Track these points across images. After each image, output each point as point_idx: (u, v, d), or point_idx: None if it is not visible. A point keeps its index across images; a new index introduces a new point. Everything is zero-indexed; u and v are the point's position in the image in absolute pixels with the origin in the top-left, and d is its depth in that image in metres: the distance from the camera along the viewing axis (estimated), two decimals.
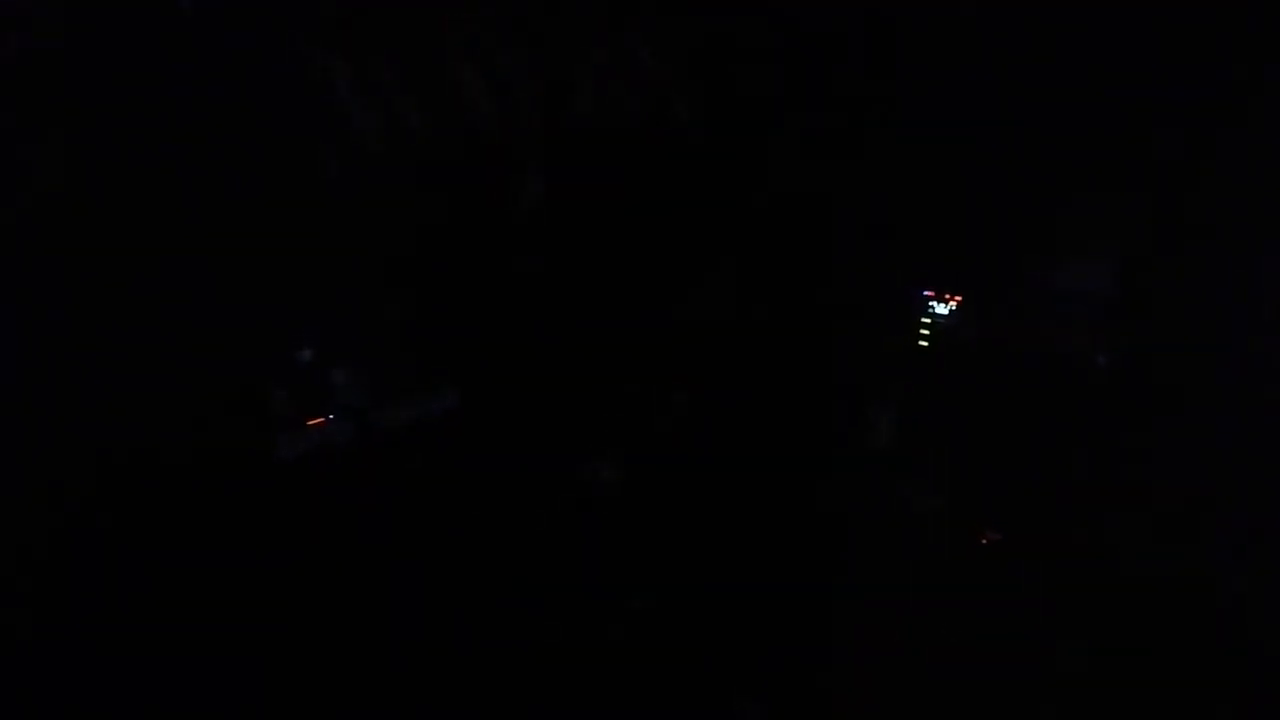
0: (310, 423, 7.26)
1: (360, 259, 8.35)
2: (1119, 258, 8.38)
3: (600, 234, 9.72)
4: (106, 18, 1.82)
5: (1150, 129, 7.88)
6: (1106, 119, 8.25)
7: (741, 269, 10.79)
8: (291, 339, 7.49)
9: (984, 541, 7.77)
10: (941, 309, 9.93)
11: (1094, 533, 6.50)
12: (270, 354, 7.40)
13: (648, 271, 9.76)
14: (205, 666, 1.80)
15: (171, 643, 1.84)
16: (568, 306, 9.37)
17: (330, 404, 7.47)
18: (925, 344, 10.12)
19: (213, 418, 2.22)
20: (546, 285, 9.79)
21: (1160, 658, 5.26)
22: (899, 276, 10.15)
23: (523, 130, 9.33)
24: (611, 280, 9.57)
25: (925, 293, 10.01)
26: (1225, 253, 7.70)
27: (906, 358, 9.89)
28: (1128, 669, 5.24)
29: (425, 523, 7.73)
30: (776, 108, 10.49)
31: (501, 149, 9.29)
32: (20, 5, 1.66)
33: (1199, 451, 7.12)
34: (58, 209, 1.87)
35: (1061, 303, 8.93)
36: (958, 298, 9.78)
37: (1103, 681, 5.15)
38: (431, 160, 8.77)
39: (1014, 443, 7.91)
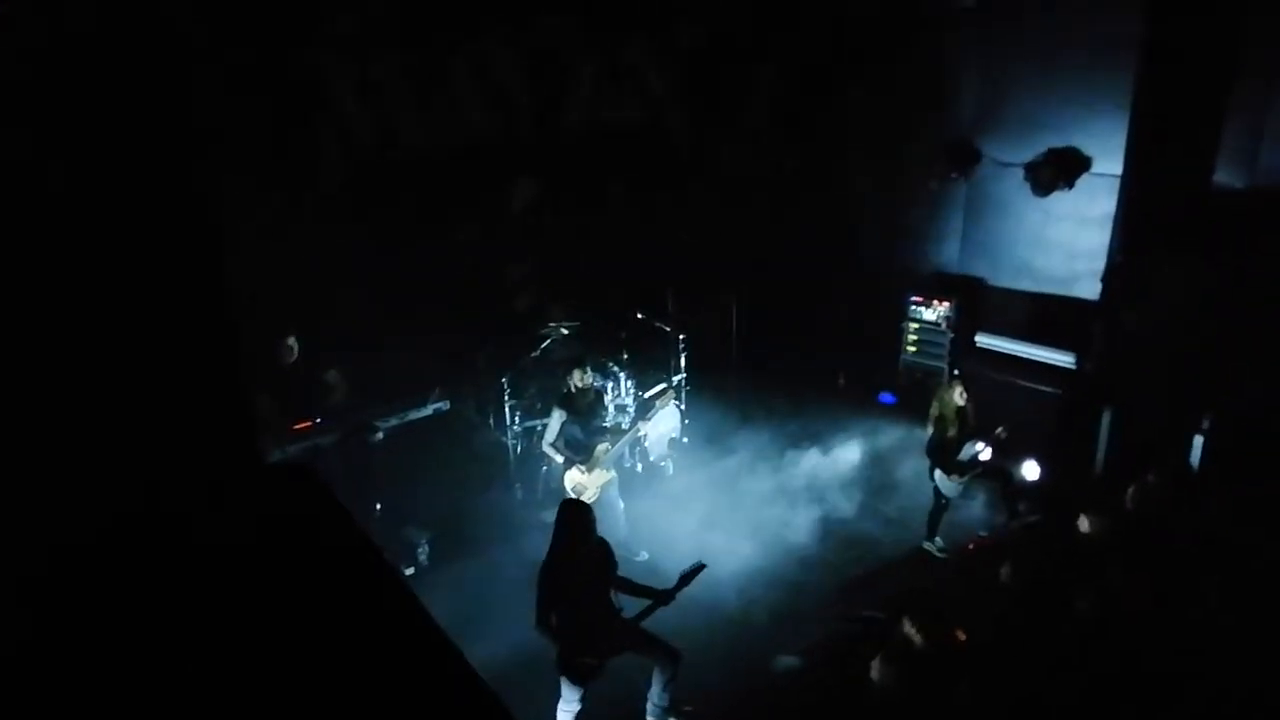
0: (297, 426, 7.29)
1: (352, 261, 8.37)
2: None
3: (594, 239, 9.76)
4: (106, 18, 1.84)
5: None
6: None
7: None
8: (280, 342, 7.50)
9: (970, 547, 7.80)
10: (929, 314, 9.99)
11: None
12: (259, 357, 7.42)
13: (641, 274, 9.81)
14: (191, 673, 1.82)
15: (156, 650, 1.86)
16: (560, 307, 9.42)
17: (318, 407, 7.49)
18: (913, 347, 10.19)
19: (197, 421, 2.23)
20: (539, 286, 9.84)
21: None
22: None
23: (518, 135, 9.37)
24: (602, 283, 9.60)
25: (913, 298, 10.07)
26: None
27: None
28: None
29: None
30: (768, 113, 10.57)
31: (497, 155, 9.33)
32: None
33: None
34: (52, 208, 1.88)
35: None
36: (945, 302, 9.83)
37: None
38: (427, 165, 8.81)
39: None
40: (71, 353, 2.02)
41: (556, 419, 7.39)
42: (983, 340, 9.62)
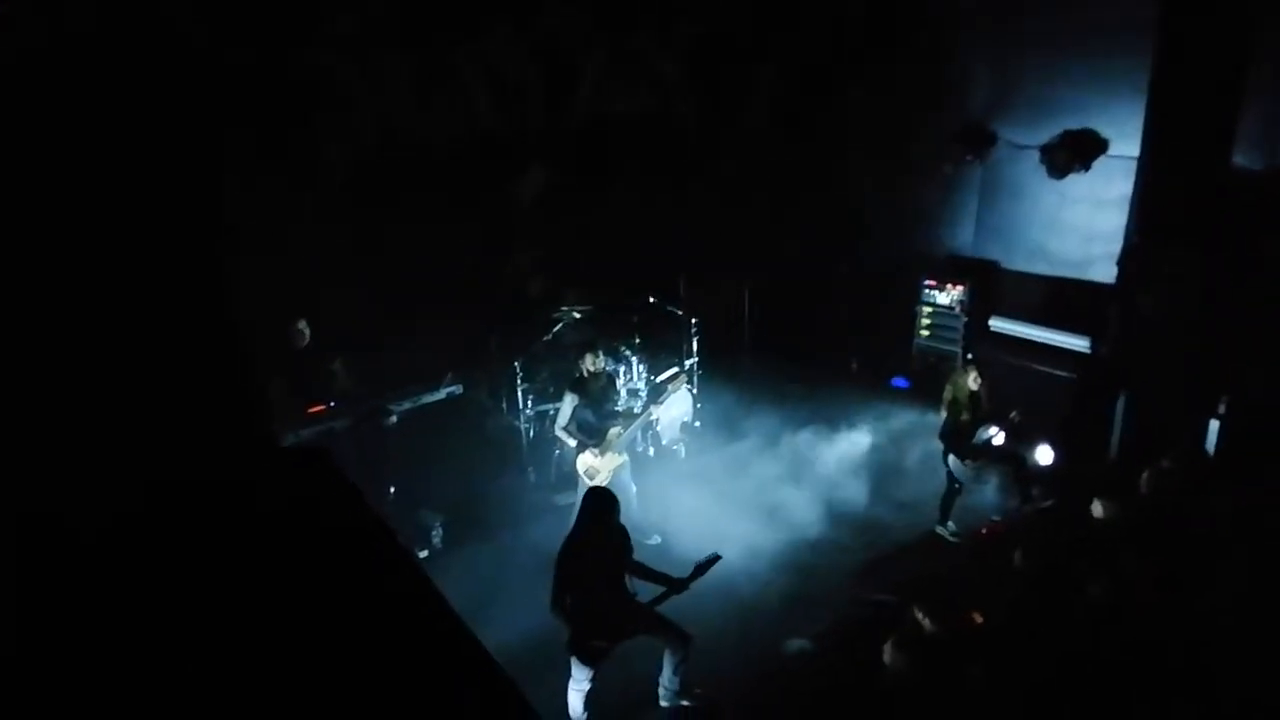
0: (311, 409, 7.33)
1: (361, 250, 8.40)
2: None
3: (605, 225, 9.75)
4: (106, 18, 1.84)
5: None
6: None
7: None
8: (291, 326, 7.54)
9: (983, 532, 7.79)
10: (943, 298, 9.94)
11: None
12: (271, 343, 7.46)
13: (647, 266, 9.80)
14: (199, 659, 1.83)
15: (165, 638, 1.87)
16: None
17: (331, 391, 7.53)
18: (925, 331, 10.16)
19: (210, 408, 2.25)
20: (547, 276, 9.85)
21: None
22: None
23: (525, 127, 9.37)
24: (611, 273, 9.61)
25: (927, 282, 10.02)
26: None
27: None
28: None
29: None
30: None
31: (504, 145, 9.33)
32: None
33: None
34: (54, 208, 1.89)
35: None
36: (959, 285, 9.78)
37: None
38: (435, 153, 8.81)
39: None
40: (78, 351, 2.04)
41: (569, 403, 7.40)
42: (997, 324, 9.57)
